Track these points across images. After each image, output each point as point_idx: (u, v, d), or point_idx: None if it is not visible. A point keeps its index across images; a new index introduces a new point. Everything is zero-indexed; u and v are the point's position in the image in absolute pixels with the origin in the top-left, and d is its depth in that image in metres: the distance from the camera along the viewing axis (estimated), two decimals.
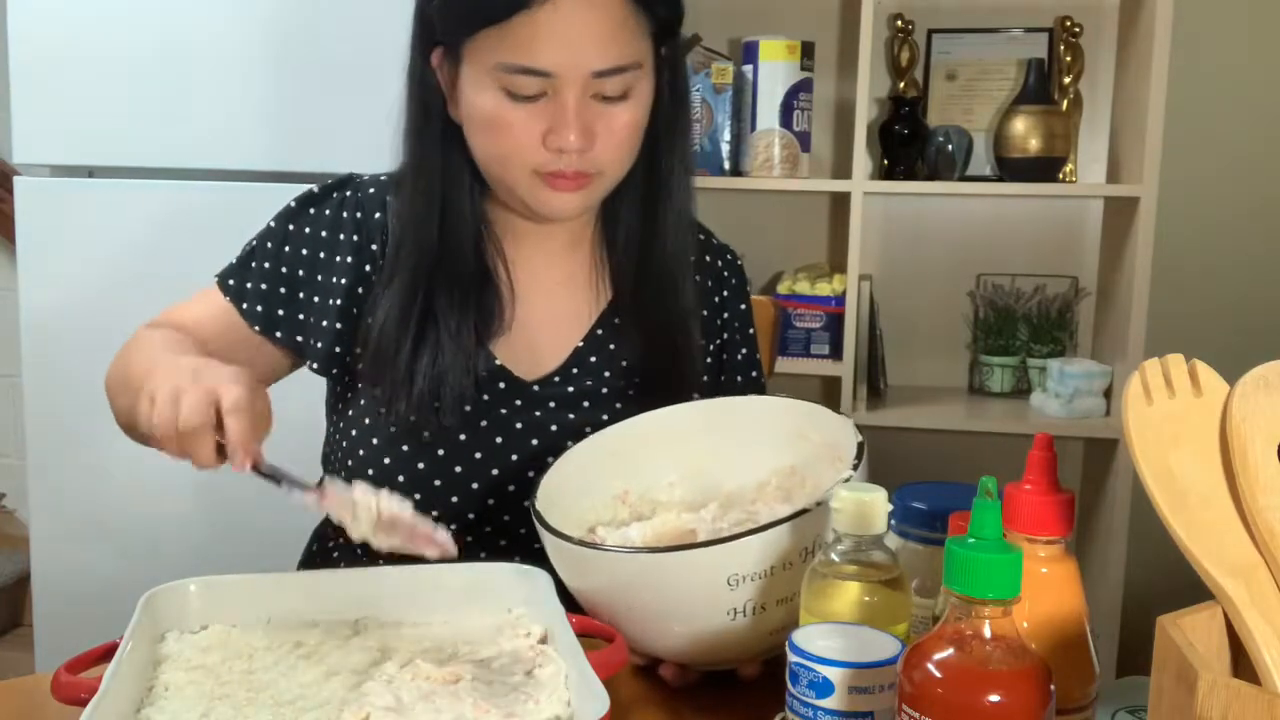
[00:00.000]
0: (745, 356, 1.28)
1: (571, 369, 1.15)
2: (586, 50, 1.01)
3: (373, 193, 1.17)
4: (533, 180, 1.06)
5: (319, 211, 1.16)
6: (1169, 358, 0.62)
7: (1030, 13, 2.40)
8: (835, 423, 0.94)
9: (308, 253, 1.15)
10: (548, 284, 1.18)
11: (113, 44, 1.91)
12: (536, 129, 1.03)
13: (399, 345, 1.08)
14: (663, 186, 1.15)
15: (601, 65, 1.01)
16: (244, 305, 1.15)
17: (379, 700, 0.75)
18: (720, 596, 0.79)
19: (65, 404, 1.97)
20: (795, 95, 2.28)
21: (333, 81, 1.91)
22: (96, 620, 1.04)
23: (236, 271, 1.16)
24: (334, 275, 1.14)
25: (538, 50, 1.00)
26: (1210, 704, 0.49)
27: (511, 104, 1.03)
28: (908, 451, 2.40)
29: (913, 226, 2.51)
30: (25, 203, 1.95)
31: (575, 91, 1.02)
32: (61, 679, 0.76)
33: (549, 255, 1.18)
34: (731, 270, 1.28)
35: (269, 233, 1.17)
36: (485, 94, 1.04)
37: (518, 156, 1.05)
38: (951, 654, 0.58)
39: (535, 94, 1.02)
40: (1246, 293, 2.39)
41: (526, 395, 1.13)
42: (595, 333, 1.17)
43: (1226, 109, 2.36)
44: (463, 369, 1.08)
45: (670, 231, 1.15)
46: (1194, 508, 0.59)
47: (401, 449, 1.09)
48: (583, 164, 1.05)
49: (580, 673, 0.75)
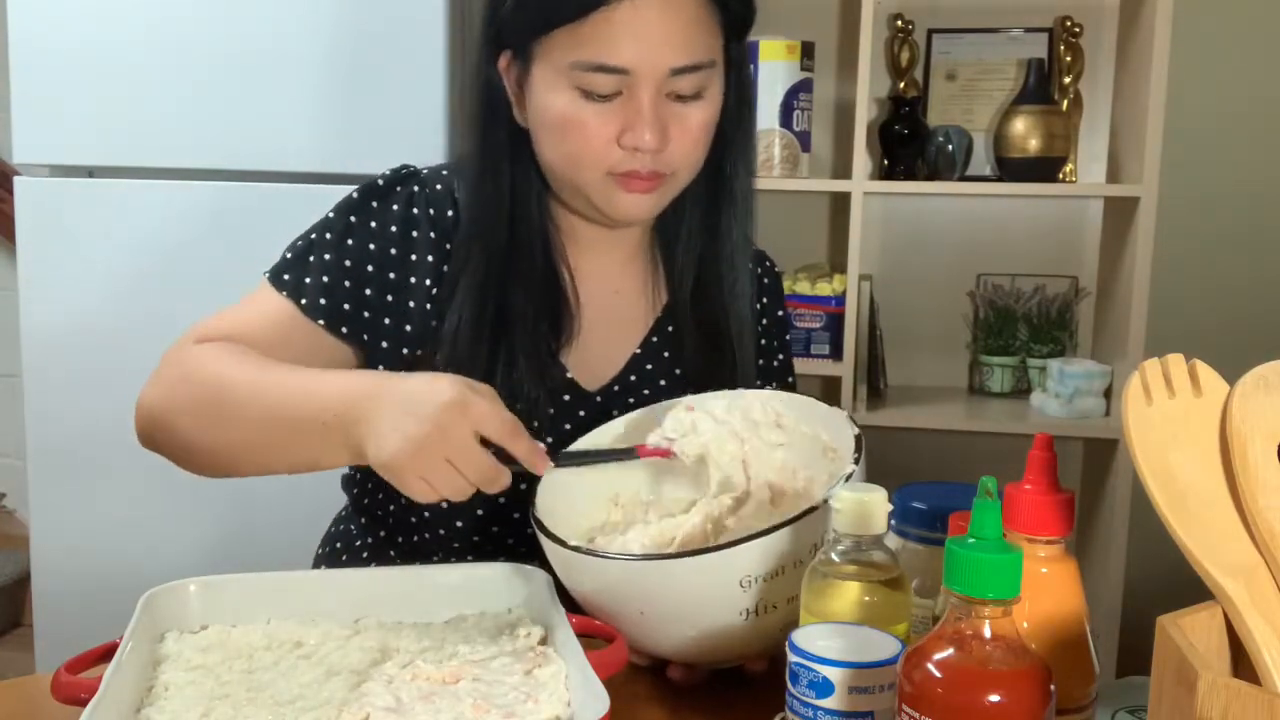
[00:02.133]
0: (781, 363, 1.28)
1: (630, 376, 1.14)
2: (663, 47, 1.00)
3: (440, 189, 1.13)
4: (606, 182, 1.05)
5: (385, 205, 1.11)
6: (1169, 358, 0.62)
7: (1030, 13, 2.40)
8: (828, 416, 0.94)
9: (376, 248, 1.09)
10: (609, 290, 1.17)
11: (113, 44, 1.91)
12: (611, 128, 1.02)
13: (473, 358, 1.06)
14: (726, 189, 1.14)
15: (678, 62, 1.00)
16: (303, 300, 1.07)
17: (379, 700, 0.74)
18: (733, 598, 0.79)
19: (65, 404, 1.97)
20: (795, 95, 2.28)
21: (333, 82, 1.91)
22: (96, 620, 1.04)
23: (292, 266, 1.09)
24: (411, 274, 1.09)
25: (615, 47, 0.99)
26: (1210, 704, 0.49)
27: (586, 103, 1.01)
28: (908, 451, 2.40)
29: (913, 226, 2.51)
30: (25, 203, 1.95)
31: (651, 90, 1.01)
32: (61, 679, 0.76)
33: (610, 262, 1.17)
34: (771, 277, 1.28)
35: (328, 224, 1.11)
36: (559, 94, 1.02)
37: (591, 157, 1.03)
38: (951, 654, 0.58)
39: (610, 93, 1.01)
40: (1246, 293, 2.39)
41: (589, 405, 1.12)
42: (651, 339, 1.16)
43: (1226, 109, 2.36)
44: (537, 378, 1.07)
45: (733, 235, 1.15)
46: (1194, 508, 0.59)
47: None
48: (657, 164, 1.04)
49: (580, 673, 0.75)
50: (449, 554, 1.11)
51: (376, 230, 1.10)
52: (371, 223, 1.10)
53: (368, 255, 1.09)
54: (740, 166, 1.15)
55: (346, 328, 1.08)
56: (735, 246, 1.16)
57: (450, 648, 0.85)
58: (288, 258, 1.10)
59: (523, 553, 1.08)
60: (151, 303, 1.90)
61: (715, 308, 1.15)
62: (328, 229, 1.10)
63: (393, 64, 1.88)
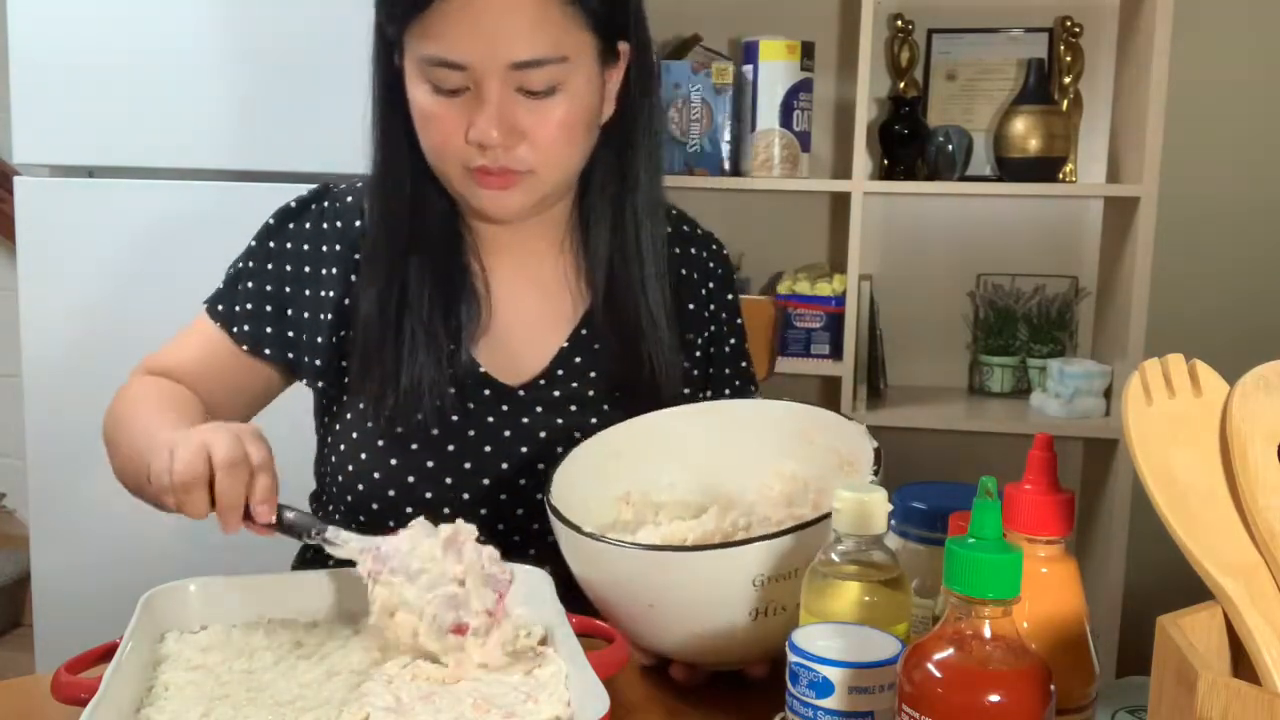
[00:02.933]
0: (734, 347, 1.25)
1: (556, 371, 1.13)
2: (501, 42, 0.98)
3: (350, 200, 1.15)
4: (464, 177, 1.05)
5: (299, 225, 1.15)
6: (1169, 358, 0.62)
7: (1030, 13, 2.40)
8: (843, 428, 0.94)
9: (292, 268, 1.14)
10: (526, 287, 1.16)
11: (113, 44, 1.91)
12: (461, 124, 1.01)
13: (381, 340, 1.07)
14: (628, 185, 1.13)
15: (518, 56, 0.99)
16: (234, 329, 1.13)
17: (379, 700, 0.74)
18: (744, 596, 0.79)
19: (65, 404, 1.96)
20: (795, 95, 2.28)
21: (334, 81, 1.90)
22: (96, 620, 1.04)
23: (225, 296, 1.15)
24: (321, 288, 1.13)
25: (451, 42, 0.98)
26: (1210, 704, 0.49)
27: (438, 98, 1.01)
28: (908, 451, 2.40)
29: (913, 226, 2.51)
30: (25, 203, 1.95)
31: (495, 84, 0.99)
32: (61, 679, 0.76)
33: (527, 257, 1.16)
34: (716, 260, 1.26)
35: (250, 252, 1.16)
36: (417, 88, 1.03)
37: (446, 152, 1.04)
38: (951, 654, 0.58)
39: (457, 87, 1.01)
40: (1246, 293, 2.39)
41: (512, 401, 1.11)
42: (580, 333, 1.15)
43: (1226, 109, 2.36)
44: (436, 366, 1.07)
45: (637, 231, 1.13)
46: (1194, 508, 0.59)
47: (390, 462, 1.08)
48: (509, 160, 1.02)
49: (580, 673, 0.75)
50: None
51: (290, 251, 1.14)
52: (287, 244, 1.15)
53: (284, 276, 1.14)
54: (641, 161, 1.13)
55: (270, 350, 1.14)
56: (639, 239, 1.13)
57: None
58: (221, 287, 1.16)
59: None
60: (151, 303, 1.89)
61: (625, 303, 1.14)
62: (250, 257, 1.16)
63: None
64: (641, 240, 1.13)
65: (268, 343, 1.13)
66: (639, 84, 1.11)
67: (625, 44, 1.08)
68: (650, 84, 1.13)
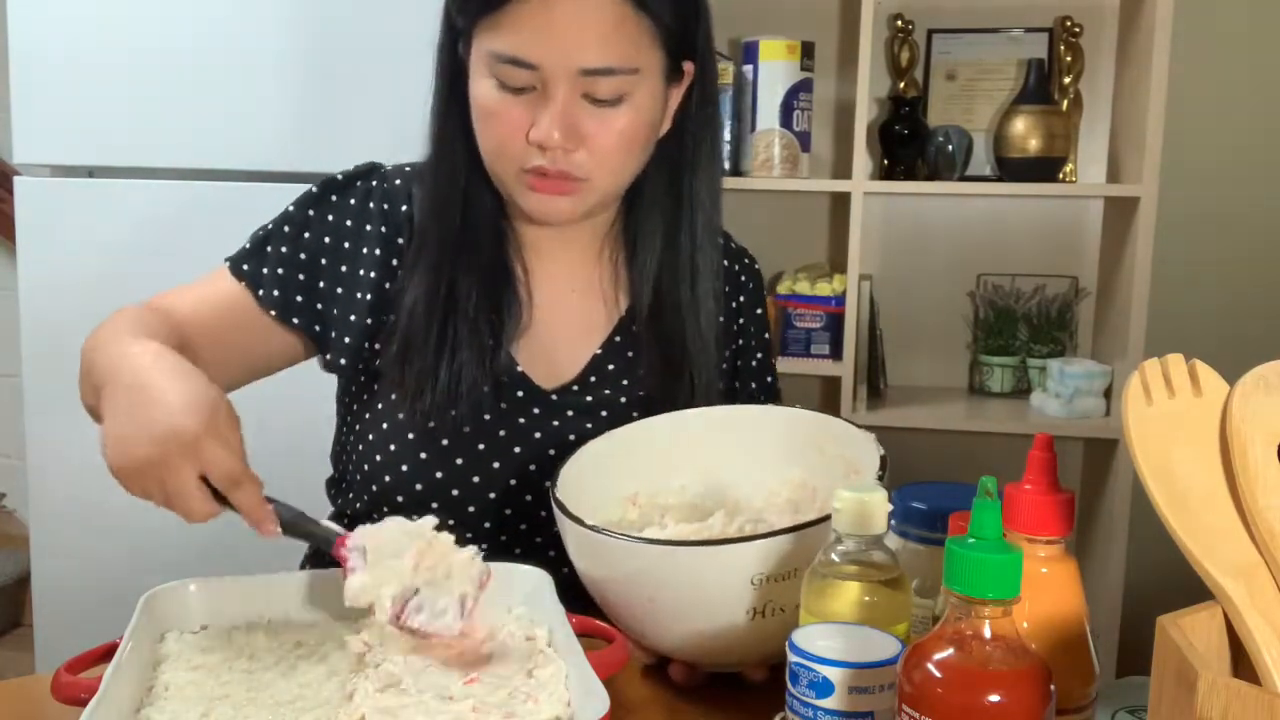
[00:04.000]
0: (760, 362, 1.27)
1: (590, 378, 1.13)
2: (575, 46, 0.99)
3: (399, 184, 1.14)
4: (518, 178, 1.05)
5: (343, 200, 1.13)
6: (1169, 358, 0.62)
7: (1030, 13, 2.40)
8: (852, 436, 0.94)
9: (330, 241, 1.12)
10: (565, 290, 1.16)
11: (113, 44, 1.91)
12: (523, 122, 1.01)
13: (426, 334, 1.07)
14: (685, 205, 1.13)
15: (589, 64, 0.99)
16: (260, 291, 1.10)
17: (376, 700, 0.74)
18: (743, 595, 0.79)
19: (65, 404, 1.96)
20: (795, 95, 2.28)
21: (334, 81, 1.91)
22: (96, 620, 1.04)
23: (251, 255, 1.12)
24: (360, 267, 1.12)
25: (524, 41, 0.99)
26: (1210, 704, 0.49)
27: (502, 95, 1.02)
28: (908, 451, 2.39)
29: (913, 226, 2.50)
30: (25, 203, 1.95)
31: (563, 88, 1.00)
32: (61, 679, 0.76)
33: (568, 260, 1.16)
34: (749, 275, 1.27)
35: (288, 217, 1.13)
36: (482, 82, 1.03)
37: (504, 149, 1.04)
38: (951, 654, 0.58)
39: (524, 86, 1.01)
40: (1246, 293, 2.39)
41: (545, 404, 1.11)
42: (614, 340, 1.16)
43: (1226, 109, 2.36)
44: (478, 364, 1.07)
45: (691, 250, 1.14)
46: (1194, 508, 0.59)
47: (420, 456, 1.07)
48: (567, 164, 1.03)
49: (580, 673, 0.75)
50: None
51: (331, 224, 1.13)
52: (328, 216, 1.13)
53: (322, 248, 1.12)
54: (702, 180, 1.13)
55: (298, 319, 1.11)
56: (694, 262, 1.14)
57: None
58: (247, 247, 1.13)
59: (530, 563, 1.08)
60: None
61: (673, 322, 1.14)
62: (286, 221, 1.13)
63: (392, 64, 1.88)
64: (698, 263, 1.14)
65: (297, 311, 1.11)
66: (701, 106, 1.12)
67: (690, 64, 1.09)
68: (714, 110, 1.14)
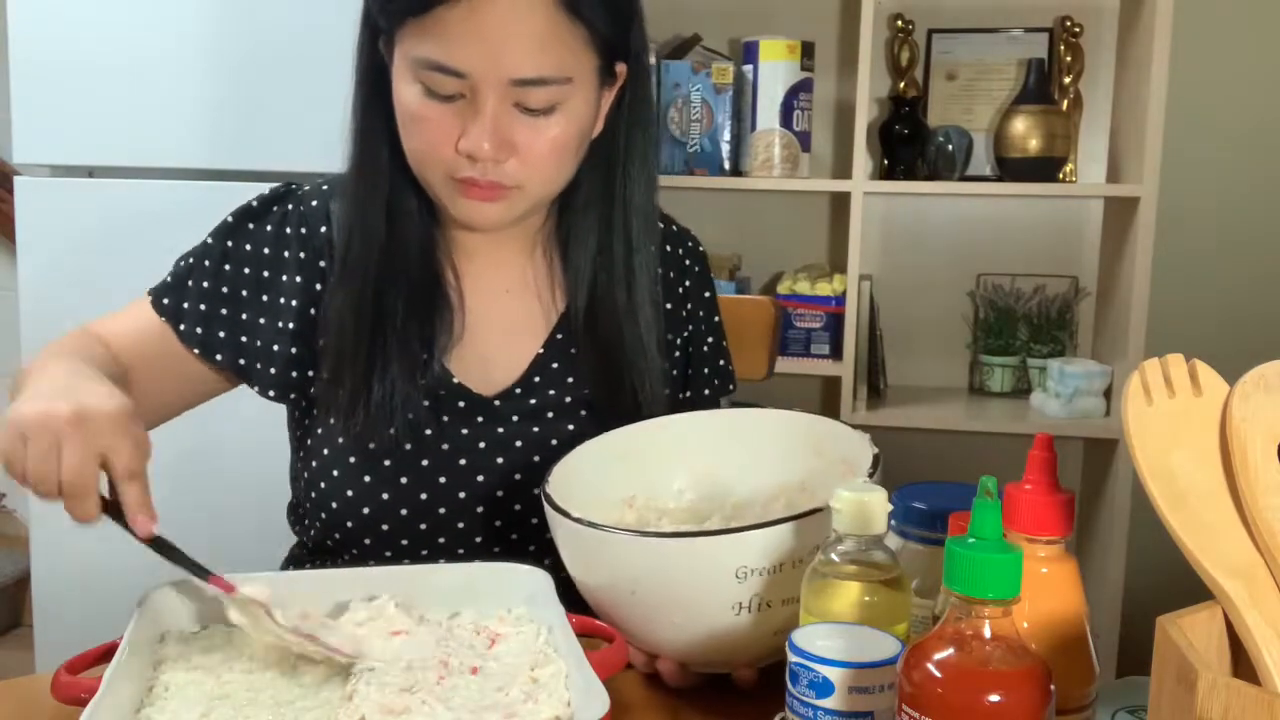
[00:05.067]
0: (712, 345, 1.23)
1: (532, 379, 1.10)
2: (505, 56, 0.95)
3: (315, 205, 1.11)
4: (447, 185, 1.02)
5: (259, 227, 1.11)
6: (1169, 358, 0.62)
7: (1030, 13, 2.41)
8: (848, 437, 0.94)
9: (250, 271, 1.10)
10: (499, 292, 1.13)
11: (113, 44, 1.91)
12: (452, 130, 0.98)
13: (355, 351, 1.04)
14: (618, 204, 1.10)
15: (520, 74, 0.96)
16: (181, 326, 1.08)
17: (375, 701, 0.74)
18: (727, 589, 0.79)
19: None
20: (795, 95, 2.28)
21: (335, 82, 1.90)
22: (96, 620, 1.04)
23: (172, 290, 1.10)
24: (280, 295, 1.09)
25: (453, 49, 0.95)
26: (1210, 704, 0.49)
27: (429, 101, 0.98)
28: (908, 451, 2.39)
29: (913, 226, 2.51)
30: (25, 203, 1.95)
31: (493, 97, 0.97)
32: (61, 679, 0.76)
33: (500, 260, 1.13)
34: (694, 258, 1.23)
35: (206, 250, 1.11)
36: (408, 87, 0.99)
37: (432, 157, 1.00)
38: (951, 654, 0.58)
39: (452, 94, 0.97)
40: (1246, 292, 2.39)
41: (487, 411, 1.08)
42: (555, 338, 1.12)
43: (1226, 109, 2.36)
44: (409, 378, 1.03)
45: (626, 255, 1.10)
46: (1194, 508, 0.59)
47: (364, 480, 1.04)
48: (498, 174, 1.00)
49: (580, 673, 0.75)
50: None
51: (250, 254, 1.10)
52: (245, 246, 1.10)
53: (242, 279, 1.10)
54: (636, 179, 1.10)
55: (222, 355, 1.09)
56: (630, 264, 1.11)
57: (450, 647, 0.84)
58: (169, 281, 1.11)
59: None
60: None
61: (609, 328, 1.10)
62: (206, 255, 1.11)
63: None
64: (634, 266, 1.11)
65: (219, 347, 1.09)
66: (633, 109, 1.08)
67: (623, 65, 1.06)
68: (647, 111, 1.10)
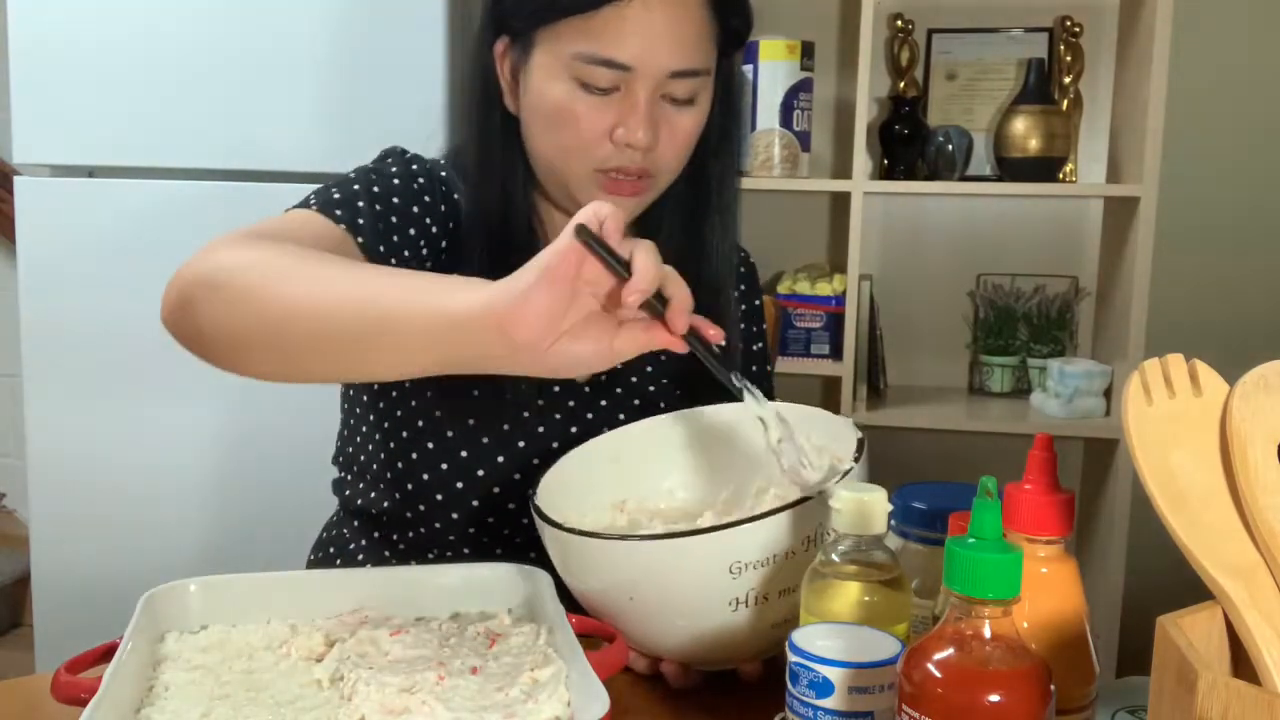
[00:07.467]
0: (757, 354, 1.28)
1: (616, 368, 1.12)
2: (667, 49, 1.01)
3: (444, 174, 1.13)
4: (590, 178, 1.05)
5: (418, 161, 1.12)
6: (1169, 358, 0.62)
7: (1030, 13, 2.40)
8: (833, 425, 0.94)
9: (417, 188, 1.08)
10: None
11: (113, 44, 1.91)
12: (605, 123, 1.02)
13: None
14: (709, 200, 1.14)
15: (678, 65, 1.02)
16: (360, 238, 1.01)
17: (375, 701, 0.74)
18: (722, 585, 0.79)
19: (65, 404, 1.97)
20: (795, 95, 2.28)
21: (333, 81, 1.91)
22: (96, 620, 1.04)
23: (342, 203, 1.02)
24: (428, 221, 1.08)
25: (622, 43, 1.00)
26: (1210, 704, 0.49)
27: (583, 95, 1.02)
28: (908, 451, 2.40)
29: (913, 226, 2.51)
30: (25, 203, 1.95)
31: (649, 89, 1.02)
32: (61, 679, 0.76)
33: None
34: (745, 266, 1.30)
35: (364, 173, 1.08)
36: (557, 83, 1.02)
37: (582, 150, 1.04)
38: (951, 654, 0.58)
39: (608, 87, 1.02)
40: (1247, 292, 2.39)
41: (578, 396, 1.13)
42: None
43: (1226, 109, 2.36)
44: None
45: (716, 245, 1.14)
46: (1194, 508, 0.59)
47: (448, 435, 1.08)
48: (646, 162, 1.04)
49: (580, 673, 0.75)
50: (445, 549, 1.11)
51: (415, 172, 1.09)
52: (412, 166, 1.11)
53: (411, 193, 1.07)
54: (727, 178, 1.14)
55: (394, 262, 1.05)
56: (720, 258, 1.14)
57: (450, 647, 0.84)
58: (335, 196, 1.03)
59: (518, 543, 1.09)
60: (151, 303, 1.89)
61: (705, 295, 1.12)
62: (372, 172, 1.08)
63: (392, 63, 1.88)
64: (723, 252, 1.14)
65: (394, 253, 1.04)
66: (726, 99, 1.12)
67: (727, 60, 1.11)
68: (738, 96, 1.15)
